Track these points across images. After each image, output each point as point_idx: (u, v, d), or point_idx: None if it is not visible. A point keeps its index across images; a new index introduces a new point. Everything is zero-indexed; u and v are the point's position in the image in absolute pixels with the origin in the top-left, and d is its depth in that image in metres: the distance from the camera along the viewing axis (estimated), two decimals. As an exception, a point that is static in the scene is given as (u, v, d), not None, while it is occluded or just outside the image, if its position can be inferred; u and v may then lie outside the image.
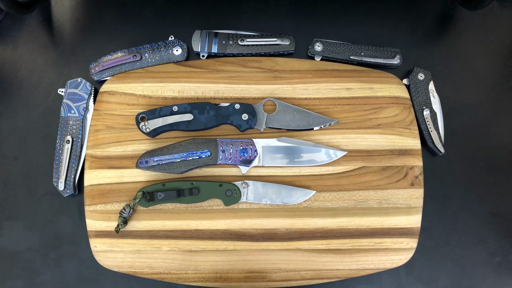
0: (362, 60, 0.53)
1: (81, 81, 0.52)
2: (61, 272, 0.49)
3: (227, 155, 0.47)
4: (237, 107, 0.49)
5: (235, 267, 0.47)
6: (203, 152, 0.47)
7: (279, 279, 0.47)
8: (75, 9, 0.58)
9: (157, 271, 0.47)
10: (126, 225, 0.47)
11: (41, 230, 0.50)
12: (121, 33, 0.57)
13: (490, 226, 0.51)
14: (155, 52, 0.53)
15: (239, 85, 0.51)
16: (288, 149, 0.48)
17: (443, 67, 0.55)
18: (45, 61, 0.55)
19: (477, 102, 0.54)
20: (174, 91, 0.51)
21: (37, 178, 0.52)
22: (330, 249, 0.47)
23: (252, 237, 0.47)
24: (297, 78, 0.52)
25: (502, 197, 0.52)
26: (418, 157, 0.49)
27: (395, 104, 0.51)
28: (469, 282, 0.50)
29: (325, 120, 0.49)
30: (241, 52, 0.53)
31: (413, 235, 0.48)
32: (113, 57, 0.52)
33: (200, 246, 0.47)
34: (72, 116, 0.51)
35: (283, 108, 0.50)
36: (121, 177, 0.48)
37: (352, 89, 0.51)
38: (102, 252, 0.47)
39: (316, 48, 0.54)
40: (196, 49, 0.54)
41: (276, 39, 0.53)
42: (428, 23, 0.58)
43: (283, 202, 0.48)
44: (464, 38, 0.57)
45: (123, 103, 0.51)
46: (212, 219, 0.48)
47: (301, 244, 0.47)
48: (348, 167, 0.49)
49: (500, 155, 0.53)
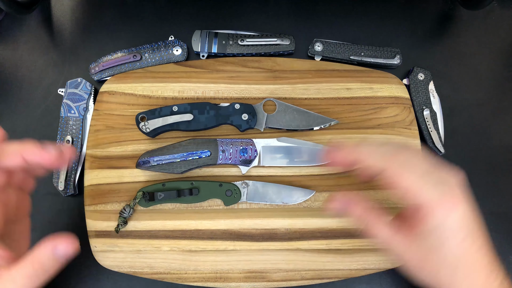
0: (362, 60, 0.53)
1: (81, 81, 0.52)
2: (61, 272, 0.49)
3: (227, 155, 0.47)
4: (237, 107, 0.49)
5: (235, 267, 0.47)
6: (203, 152, 0.47)
7: (279, 279, 0.47)
8: (75, 9, 0.58)
9: (157, 271, 0.47)
10: (126, 225, 0.47)
11: (41, 230, 0.50)
12: (121, 33, 0.57)
13: (490, 226, 0.51)
14: (155, 52, 0.53)
15: (239, 85, 0.51)
16: (288, 149, 0.48)
17: (443, 67, 0.55)
18: (45, 61, 0.55)
19: (477, 102, 0.54)
20: (174, 91, 0.51)
21: (37, 178, 0.52)
22: (330, 249, 0.47)
23: (252, 237, 0.47)
24: (297, 78, 0.52)
25: (502, 197, 0.52)
26: (418, 157, 0.49)
27: (395, 104, 0.51)
28: (469, 282, 0.50)
29: (325, 120, 0.49)
30: (241, 52, 0.53)
31: (413, 235, 0.48)
32: (113, 57, 0.52)
33: (200, 246, 0.47)
34: (72, 116, 0.51)
35: (283, 108, 0.50)
36: (121, 177, 0.48)
37: (352, 89, 0.51)
38: (102, 252, 0.47)
39: (316, 48, 0.54)
40: (196, 49, 0.54)
41: (276, 39, 0.53)
42: (428, 23, 0.58)
43: (283, 202, 0.48)
44: (464, 38, 0.57)
45: (123, 103, 0.51)
46: (212, 219, 0.48)
47: (301, 244, 0.47)
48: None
49: (500, 155, 0.53)
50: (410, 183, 0.31)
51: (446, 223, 0.30)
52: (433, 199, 0.30)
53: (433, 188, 0.30)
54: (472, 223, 0.31)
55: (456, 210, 0.30)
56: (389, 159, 0.32)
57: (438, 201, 0.30)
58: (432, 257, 0.32)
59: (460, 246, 0.31)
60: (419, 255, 0.32)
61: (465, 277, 0.32)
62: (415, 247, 0.32)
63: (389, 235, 0.33)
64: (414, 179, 0.31)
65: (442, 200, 0.30)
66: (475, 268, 0.32)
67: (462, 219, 0.31)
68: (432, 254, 0.32)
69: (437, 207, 0.30)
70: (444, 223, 0.30)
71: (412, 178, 0.31)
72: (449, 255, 0.31)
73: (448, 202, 0.30)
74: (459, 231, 0.31)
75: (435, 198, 0.30)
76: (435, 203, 0.30)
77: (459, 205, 0.30)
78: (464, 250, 0.31)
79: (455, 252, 0.31)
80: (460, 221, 0.31)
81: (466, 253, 0.31)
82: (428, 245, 0.31)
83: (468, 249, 0.31)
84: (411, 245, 0.32)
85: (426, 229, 0.31)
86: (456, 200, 0.31)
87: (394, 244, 0.33)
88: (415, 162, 0.32)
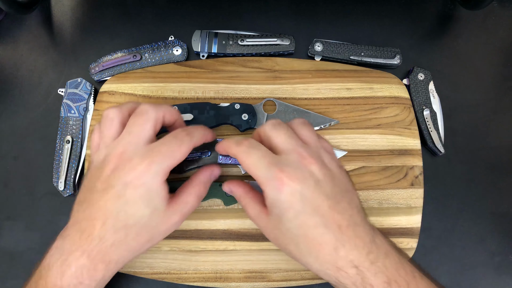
0: (362, 60, 0.53)
1: (81, 81, 0.52)
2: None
3: (227, 155, 0.47)
4: (237, 107, 0.49)
5: (235, 267, 0.47)
6: (203, 152, 0.47)
7: (279, 279, 0.47)
8: (75, 9, 0.58)
9: (157, 271, 0.47)
10: (126, 225, 0.47)
11: (41, 230, 0.50)
12: (121, 33, 0.57)
13: (490, 226, 0.51)
14: (155, 52, 0.53)
15: (239, 85, 0.51)
16: (288, 149, 0.48)
17: (443, 67, 0.55)
18: (45, 61, 0.55)
19: (477, 102, 0.54)
20: (174, 91, 0.51)
21: (37, 178, 0.52)
22: (330, 249, 0.47)
23: (252, 237, 0.47)
24: (297, 78, 0.52)
25: (502, 197, 0.52)
26: (418, 157, 0.49)
27: (395, 104, 0.51)
28: (469, 282, 0.50)
29: (325, 120, 0.49)
30: (241, 52, 0.53)
31: (413, 235, 0.48)
32: (113, 57, 0.52)
33: (200, 246, 0.47)
34: (72, 116, 0.51)
35: (283, 108, 0.50)
36: (121, 177, 0.48)
37: (352, 89, 0.51)
38: (102, 252, 0.47)
39: (316, 48, 0.54)
40: (196, 49, 0.54)
41: (276, 39, 0.53)
42: (428, 23, 0.58)
43: (283, 202, 0.48)
44: (464, 38, 0.57)
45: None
46: (212, 219, 0.48)
47: (301, 244, 0.47)
48: (348, 167, 0.49)
49: (500, 155, 0.53)
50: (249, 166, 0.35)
51: (277, 200, 0.34)
52: (265, 178, 0.34)
53: (265, 169, 0.34)
54: (304, 202, 0.33)
55: (284, 189, 0.33)
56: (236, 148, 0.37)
57: (268, 180, 0.34)
58: (280, 232, 0.35)
59: (294, 222, 0.34)
60: (272, 232, 0.37)
61: (308, 250, 0.34)
62: (268, 224, 0.36)
63: (256, 213, 0.37)
64: (251, 162, 0.35)
65: (271, 180, 0.34)
66: (316, 243, 0.34)
67: (291, 197, 0.33)
68: (278, 231, 0.35)
69: (268, 185, 0.34)
70: (276, 200, 0.34)
71: (249, 161, 0.35)
72: (289, 231, 0.34)
73: (276, 182, 0.33)
74: (290, 208, 0.34)
75: (266, 178, 0.34)
76: (267, 182, 0.34)
77: (287, 185, 0.33)
78: (300, 226, 0.34)
79: (292, 227, 0.34)
80: (289, 199, 0.33)
81: (302, 230, 0.34)
82: (273, 222, 0.35)
83: (303, 225, 0.34)
84: (267, 223, 0.37)
85: (268, 205, 0.35)
86: (286, 180, 0.33)
87: (258, 222, 0.38)
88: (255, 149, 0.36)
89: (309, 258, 0.35)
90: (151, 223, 0.35)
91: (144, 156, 0.34)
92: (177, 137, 0.36)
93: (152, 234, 0.36)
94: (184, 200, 0.38)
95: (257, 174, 0.35)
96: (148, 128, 0.36)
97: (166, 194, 0.35)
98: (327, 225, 0.33)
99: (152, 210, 0.35)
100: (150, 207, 0.34)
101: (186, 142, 0.36)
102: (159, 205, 0.35)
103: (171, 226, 0.37)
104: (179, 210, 0.37)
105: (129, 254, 0.36)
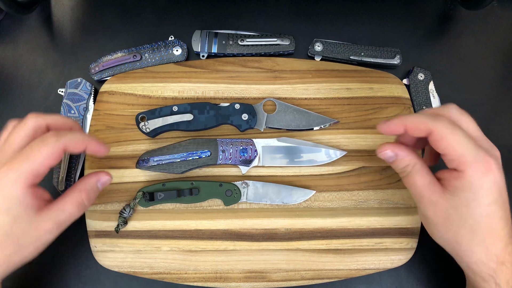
0: (362, 60, 0.53)
1: (81, 81, 0.52)
2: (61, 272, 0.49)
3: (227, 155, 0.47)
4: (237, 107, 0.49)
5: (235, 267, 0.47)
6: (203, 152, 0.47)
7: (279, 279, 0.47)
8: (75, 9, 0.58)
9: (157, 271, 0.47)
10: (126, 225, 0.47)
11: (41, 230, 0.50)
12: (121, 33, 0.57)
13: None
14: (155, 52, 0.53)
15: (239, 85, 0.51)
16: (288, 149, 0.48)
17: (443, 67, 0.55)
18: (45, 61, 0.55)
19: (477, 102, 0.54)
20: (174, 91, 0.51)
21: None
22: (330, 249, 0.47)
23: (252, 237, 0.47)
24: (297, 78, 0.52)
25: (502, 197, 0.52)
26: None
27: (395, 104, 0.51)
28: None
29: (325, 120, 0.49)
30: (241, 52, 0.53)
31: (413, 235, 0.48)
32: (113, 57, 0.52)
33: (200, 246, 0.47)
34: (72, 116, 0.51)
35: (283, 108, 0.50)
36: (121, 177, 0.48)
37: (352, 89, 0.51)
38: (102, 252, 0.47)
39: (316, 48, 0.54)
40: (196, 49, 0.54)
41: (276, 39, 0.53)
42: (428, 23, 0.58)
43: (283, 202, 0.48)
44: (464, 38, 0.57)
45: (123, 103, 0.51)
46: (212, 219, 0.48)
47: (301, 244, 0.47)
48: (348, 167, 0.49)
49: (500, 155, 0.53)
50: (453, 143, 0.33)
51: (477, 184, 0.33)
52: (471, 159, 0.33)
53: (473, 150, 0.33)
54: (501, 193, 0.33)
55: (490, 175, 0.32)
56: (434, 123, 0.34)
57: (475, 162, 0.32)
58: (457, 216, 0.34)
59: (484, 210, 0.33)
60: (444, 211, 0.34)
61: (482, 241, 0.34)
62: (443, 201, 0.34)
63: (425, 183, 0.36)
64: (457, 139, 0.33)
65: (479, 163, 0.32)
66: (494, 235, 0.33)
67: (493, 185, 0.33)
68: (457, 213, 0.34)
69: (473, 167, 0.32)
70: (476, 183, 0.33)
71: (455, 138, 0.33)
72: (473, 216, 0.33)
73: (483, 166, 0.32)
74: (488, 195, 0.33)
75: (473, 159, 0.32)
76: (472, 164, 0.32)
77: (493, 172, 0.33)
78: (487, 215, 0.33)
79: (478, 215, 0.33)
80: (490, 186, 0.33)
81: (488, 219, 0.33)
82: (456, 202, 0.34)
83: (490, 215, 0.33)
84: (441, 199, 0.35)
85: (459, 186, 0.33)
86: (492, 166, 0.33)
87: (427, 195, 0.35)
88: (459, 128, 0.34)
89: (479, 247, 0.34)
90: (16, 231, 0.33)
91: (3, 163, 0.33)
92: (42, 139, 0.34)
93: (19, 244, 0.34)
94: (60, 207, 0.35)
95: (463, 153, 0.33)
96: (23, 135, 0.35)
97: (32, 200, 0.34)
98: (508, 220, 0.34)
99: (13, 218, 0.33)
100: (10, 215, 0.33)
101: (49, 143, 0.34)
102: (22, 212, 0.33)
103: (44, 234, 0.35)
104: (52, 218, 0.35)
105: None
